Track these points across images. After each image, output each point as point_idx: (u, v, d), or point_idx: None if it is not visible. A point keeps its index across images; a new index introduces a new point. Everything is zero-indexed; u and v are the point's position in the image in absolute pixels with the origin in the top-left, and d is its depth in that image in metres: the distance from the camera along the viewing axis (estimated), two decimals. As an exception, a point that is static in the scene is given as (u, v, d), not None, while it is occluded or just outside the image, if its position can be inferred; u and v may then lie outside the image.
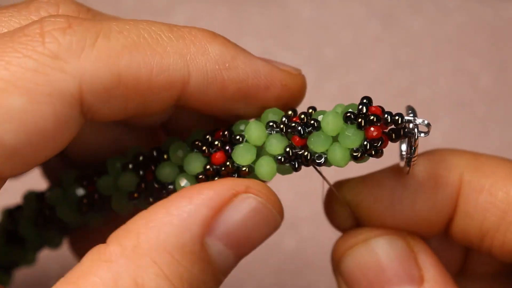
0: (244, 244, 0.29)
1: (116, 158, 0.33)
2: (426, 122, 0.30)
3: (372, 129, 0.29)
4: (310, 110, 0.31)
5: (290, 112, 0.31)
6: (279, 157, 0.30)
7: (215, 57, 0.30)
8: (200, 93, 0.29)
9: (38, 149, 0.27)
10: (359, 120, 0.29)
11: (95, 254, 0.27)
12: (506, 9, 0.60)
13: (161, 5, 0.58)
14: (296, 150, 0.30)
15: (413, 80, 0.57)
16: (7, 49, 0.27)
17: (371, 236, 0.32)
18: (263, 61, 0.32)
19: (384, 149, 0.30)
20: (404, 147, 0.31)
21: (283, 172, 0.30)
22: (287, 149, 0.30)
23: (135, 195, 0.32)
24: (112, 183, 0.32)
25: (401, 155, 0.32)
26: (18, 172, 0.28)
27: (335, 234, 0.34)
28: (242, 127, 0.31)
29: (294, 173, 0.30)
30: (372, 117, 0.29)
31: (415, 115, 0.30)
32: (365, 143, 0.29)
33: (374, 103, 0.30)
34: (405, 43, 0.59)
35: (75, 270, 0.27)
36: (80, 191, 0.33)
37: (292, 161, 0.30)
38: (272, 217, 0.29)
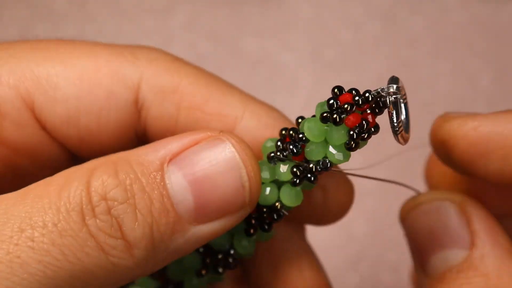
0: (203, 182, 0.28)
1: None
2: (394, 87, 0.29)
3: (351, 118, 0.29)
4: (300, 120, 0.31)
5: (283, 132, 0.31)
6: (293, 181, 0.30)
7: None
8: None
9: (87, 111, 0.30)
10: (334, 116, 0.29)
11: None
12: (506, 9, 0.60)
13: (161, 5, 0.58)
14: (302, 166, 0.30)
15: (413, 80, 0.57)
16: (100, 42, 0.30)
17: (436, 198, 0.33)
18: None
19: (377, 125, 0.29)
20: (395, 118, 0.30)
21: (305, 187, 0.31)
22: (294, 170, 0.30)
23: (203, 272, 0.32)
24: (180, 268, 0.33)
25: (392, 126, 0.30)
26: (66, 132, 0.30)
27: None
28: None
29: None
30: (346, 106, 0.29)
31: (391, 84, 0.30)
32: (351, 133, 0.29)
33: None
34: (405, 43, 0.59)
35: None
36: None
37: (304, 178, 0.30)
38: (236, 164, 0.28)
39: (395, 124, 0.29)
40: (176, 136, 0.29)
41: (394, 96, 0.29)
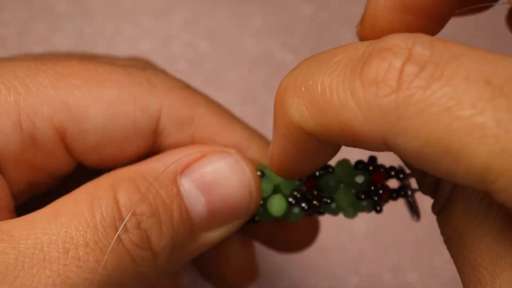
0: (216, 193, 0.30)
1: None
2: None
3: (377, 175, 0.32)
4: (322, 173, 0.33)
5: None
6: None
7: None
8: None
9: (113, 140, 0.31)
10: (369, 167, 0.32)
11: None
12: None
13: (161, 5, 0.58)
14: (307, 194, 0.33)
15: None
16: (116, 64, 0.32)
17: None
18: None
19: (383, 207, 0.33)
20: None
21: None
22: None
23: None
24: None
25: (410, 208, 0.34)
26: (91, 158, 0.31)
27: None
28: None
29: None
30: (380, 166, 0.32)
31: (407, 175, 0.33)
32: (371, 186, 0.32)
33: None
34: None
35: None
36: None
37: (304, 204, 0.33)
38: (244, 174, 0.31)
39: (415, 209, 0.34)
40: (182, 149, 0.31)
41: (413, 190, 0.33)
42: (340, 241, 0.51)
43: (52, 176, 0.32)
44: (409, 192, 0.33)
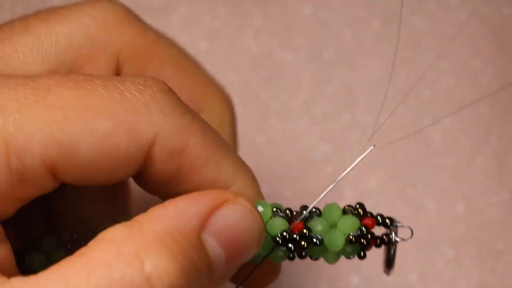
0: (233, 245, 0.30)
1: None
2: (410, 228, 0.34)
3: (368, 220, 0.33)
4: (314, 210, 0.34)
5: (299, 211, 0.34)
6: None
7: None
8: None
9: (103, 171, 0.30)
10: (358, 210, 0.33)
11: (100, 234, 0.29)
12: (508, 7, 0.60)
13: (160, 5, 0.58)
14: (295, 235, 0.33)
15: (413, 80, 0.57)
16: (112, 85, 0.30)
17: None
18: None
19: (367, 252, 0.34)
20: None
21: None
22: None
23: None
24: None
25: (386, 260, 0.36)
26: (77, 183, 0.31)
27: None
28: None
29: None
30: (368, 213, 0.34)
31: (394, 224, 0.34)
32: (362, 228, 0.33)
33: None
34: (405, 42, 0.59)
35: (81, 249, 0.28)
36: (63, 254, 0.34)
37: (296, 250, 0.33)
38: (257, 223, 0.31)
39: (393, 260, 0.35)
40: (195, 197, 0.31)
41: (398, 239, 0.34)
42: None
43: (37, 194, 0.31)
44: (393, 240, 0.34)
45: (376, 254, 0.51)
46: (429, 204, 0.53)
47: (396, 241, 0.34)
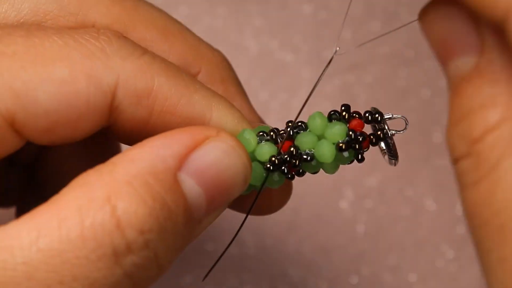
0: (214, 184, 0.29)
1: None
2: (404, 118, 0.32)
3: (355, 122, 0.31)
4: (289, 123, 0.33)
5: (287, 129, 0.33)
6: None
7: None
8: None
9: (66, 121, 0.29)
10: (344, 114, 0.32)
11: (73, 181, 0.27)
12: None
13: (160, 5, 0.58)
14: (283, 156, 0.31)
15: (414, 80, 0.57)
16: (66, 33, 0.29)
17: None
18: None
19: (365, 154, 0.31)
20: (383, 144, 0.33)
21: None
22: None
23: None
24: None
25: (382, 151, 0.33)
26: (42, 139, 0.29)
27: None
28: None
29: None
30: (354, 114, 0.32)
31: (382, 116, 0.32)
32: (350, 133, 0.31)
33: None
34: (405, 42, 0.59)
35: (53, 196, 0.27)
36: None
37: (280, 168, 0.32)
38: (241, 161, 0.30)
39: (395, 151, 0.32)
40: (172, 135, 0.29)
41: (400, 131, 0.32)
42: (340, 241, 0.51)
43: (3, 153, 0.30)
44: (389, 134, 0.31)
45: (376, 254, 0.51)
46: (429, 204, 0.53)
47: (392, 134, 0.32)
